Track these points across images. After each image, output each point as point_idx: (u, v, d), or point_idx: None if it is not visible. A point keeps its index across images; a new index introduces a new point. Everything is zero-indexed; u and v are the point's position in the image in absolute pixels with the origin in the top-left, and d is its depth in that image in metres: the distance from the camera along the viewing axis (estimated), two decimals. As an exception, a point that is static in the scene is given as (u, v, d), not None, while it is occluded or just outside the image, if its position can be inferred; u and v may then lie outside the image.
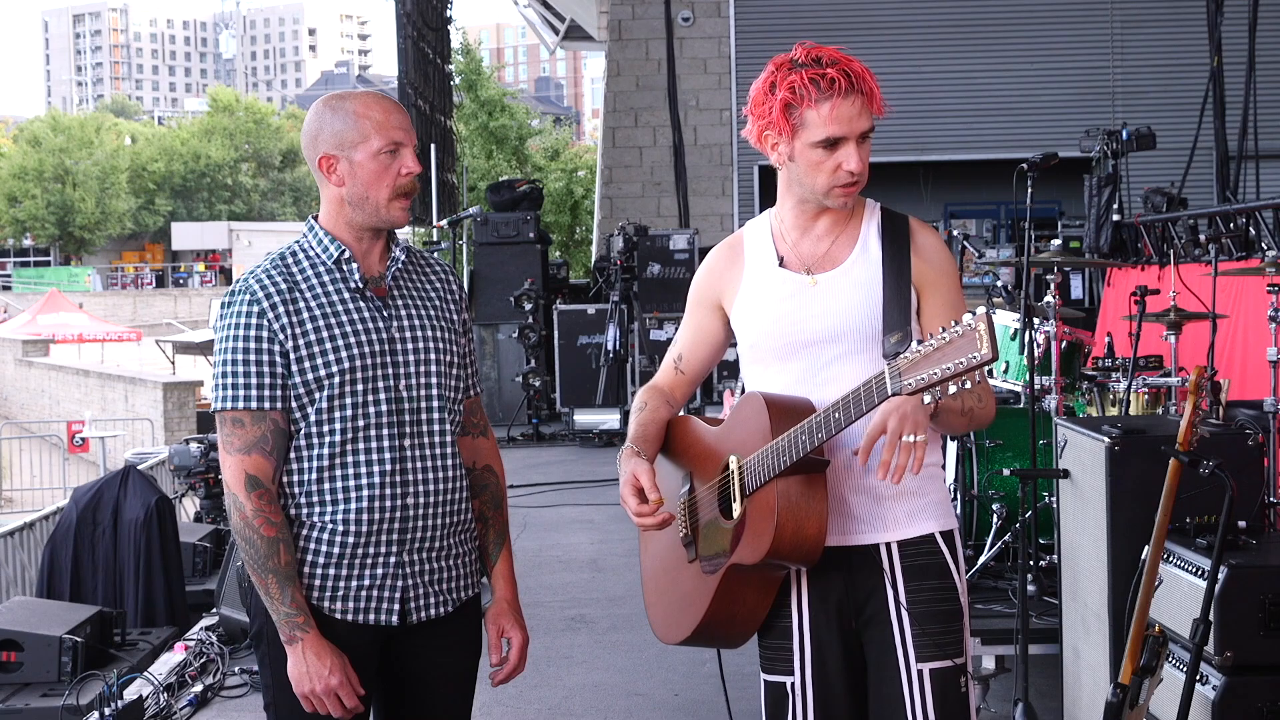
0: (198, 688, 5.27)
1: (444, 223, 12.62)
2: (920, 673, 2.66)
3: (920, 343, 2.38)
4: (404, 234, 7.29)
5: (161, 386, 23.04)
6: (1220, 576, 3.34)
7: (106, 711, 4.84)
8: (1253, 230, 7.95)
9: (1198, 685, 3.34)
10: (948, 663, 2.66)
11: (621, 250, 12.73)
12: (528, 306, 12.63)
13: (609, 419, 12.14)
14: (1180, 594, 3.60)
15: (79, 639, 5.46)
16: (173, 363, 31.60)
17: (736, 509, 2.67)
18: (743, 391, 2.90)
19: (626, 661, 5.69)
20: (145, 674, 5.36)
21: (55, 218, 61.80)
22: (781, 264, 2.78)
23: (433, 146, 13.86)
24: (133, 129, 78.93)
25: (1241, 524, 3.64)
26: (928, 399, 2.39)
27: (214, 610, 6.16)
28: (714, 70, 16.09)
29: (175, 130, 76.08)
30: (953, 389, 2.35)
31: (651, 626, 2.96)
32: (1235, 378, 6.48)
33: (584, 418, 12.34)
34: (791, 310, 2.73)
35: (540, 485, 9.93)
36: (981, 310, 2.34)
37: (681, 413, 3.00)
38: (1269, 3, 11.25)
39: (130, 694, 5.14)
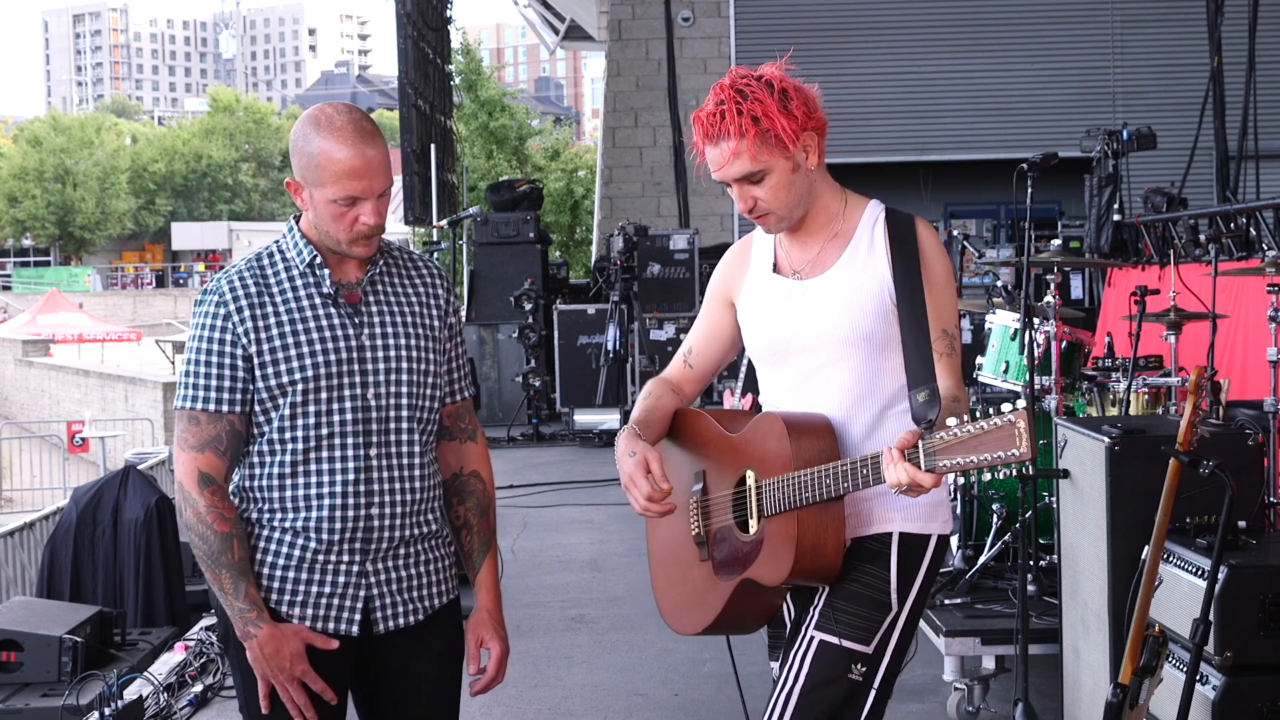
0: (198, 688, 5.27)
1: (444, 223, 12.63)
2: (811, 639, 2.65)
3: (958, 424, 2.38)
4: (404, 234, 7.28)
5: (161, 386, 23.06)
6: (1220, 576, 3.34)
7: (106, 711, 4.83)
8: (1253, 230, 7.94)
9: (1198, 685, 3.34)
10: (837, 640, 2.63)
11: (621, 250, 12.73)
12: (528, 306, 12.63)
13: (609, 419, 12.14)
14: (1180, 594, 3.60)
15: (79, 639, 5.45)
16: (172, 363, 31.60)
17: (754, 526, 2.68)
18: (744, 390, 2.91)
19: (626, 661, 5.69)
20: (145, 674, 5.35)
21: (55, 218, 61.81)
22: (775, 269, 2.78)
23: (433, 146, 13.86)
24: (133, 129, 78.94)
25: (1241, 524, 3.64)
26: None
27: (214, 610, 6.14)
28: (714, 70, 16.08)
29: (175, 130, 76.12)
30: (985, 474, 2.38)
31: (660, 610, 2.98)
32: (1235, 378, 6.48)
33: (584, 418, 12.34)
34: (781, 317, 2.74)
35: (540, 485, 9.92)
36: (1023, 405, 2.34)
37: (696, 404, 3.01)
38: (1269, 3, 11.25)
39: (130, 694, 5.14)
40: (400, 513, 2.71)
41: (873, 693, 2.64)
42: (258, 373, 2.63)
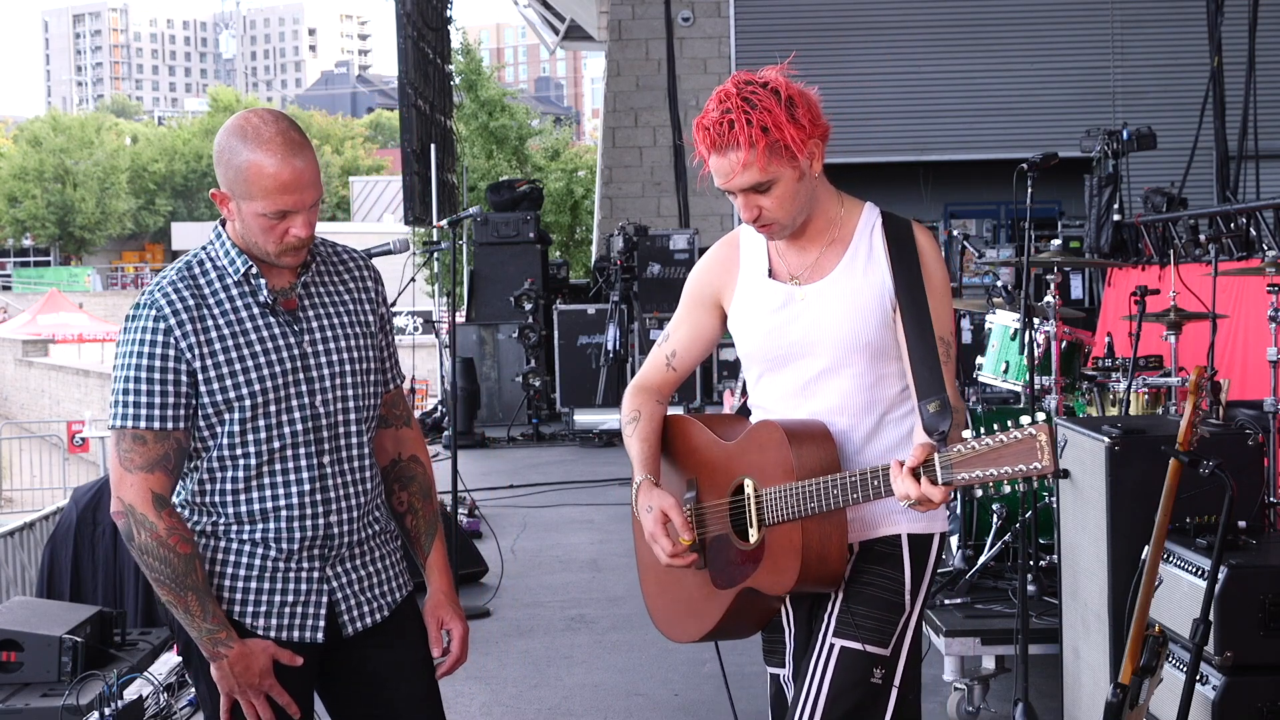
0: (198, 688, 5.26)
1: (444, 223, 12.60)
2: (831, 646, 2.64)
3: (975, 437, 2.37)
4: (405, 234, 7.28)
5: (161, 386, 22.99)
6: (1220, 576, 3.34)
7: (106, 711, 4.83)
8: (1253, 230, 7.94)
9: (1198, 685, 3.34)
10: (859, 645, 2.63)
11: (621, 250, 12.74)
12: (528, 306, 12.64)
13: (609, 419, 12.14)
14: (1180, 594, 3.60)
15: (79, 639, 5.44)
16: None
17: (754, 535, 2.67)
18: (744, 391, 2.90)
19: (626, 661, 5.69)
20: (145, 674, 5.35)
21: (55, 218, 61.81)
22: (770, 274, 2.75)
23: (433, 146, 13.86)
24: (133, 129, 78.93)
25: (1241, 524, 3.64)
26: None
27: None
28: (714, 70, 16.09)
29: (176, 130, 76.08)
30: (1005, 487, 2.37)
31: (651, 618, 2.97)
32: (1235, 378, 6.48)
33: (584, 418, 12.34)
34: (779, 323, 2.71)
35: (540, 485, 9.92)
36: (1042, 418, 2.33)
37: (682, 411, 3.00)
38: (1269, 3, 11.25)
39: (130, 694, 5.13)
40: (355, 515, 2.70)
41: (893, 693, 2.65)
42: (202, 388, 2.58)
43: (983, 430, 2.40)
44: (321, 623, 2.67)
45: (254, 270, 2.64)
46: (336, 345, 2.68)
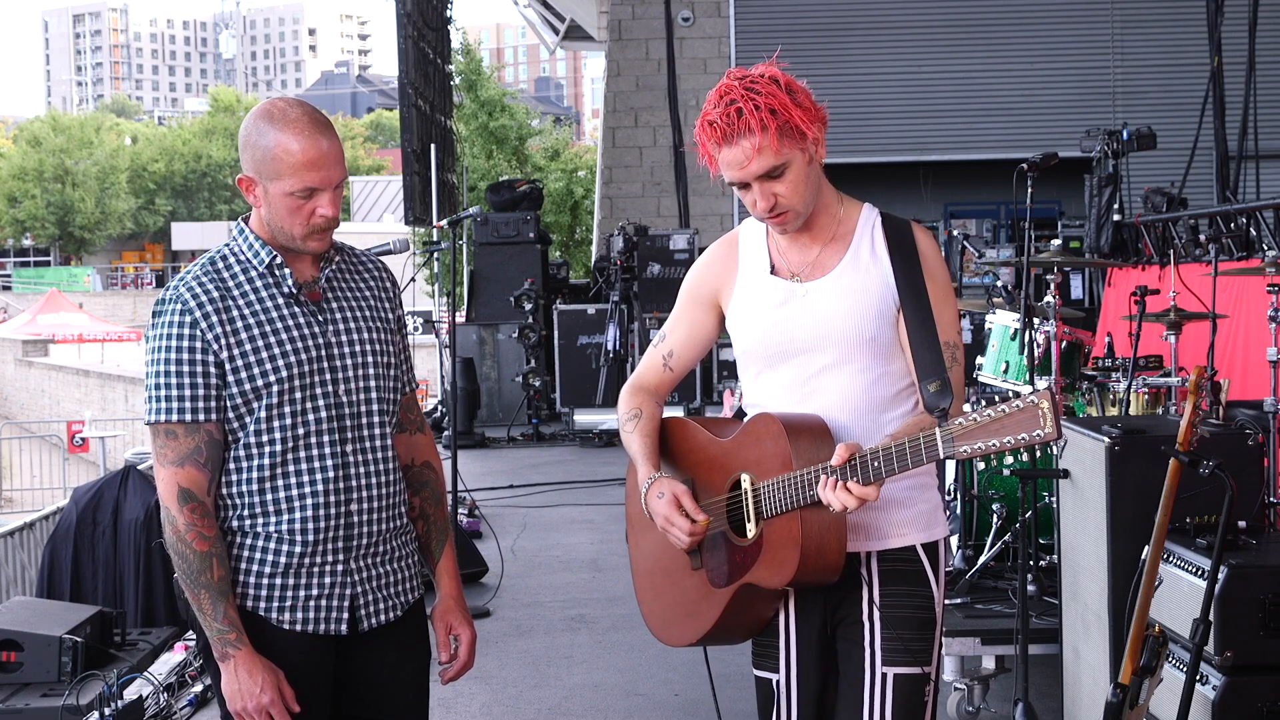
0: (198, 688, 5.27)
1: (444, 223, 12.61)
2: (884, 676, 2.65)
3: (976, 410, 2.37)
4: (405, 234, 7.28)
5: (161, 386, 22.99)
6: (1220, 576, 3.34)
7: (106, 711, 4.84)
8: (1253, 230, 7.95)
9: (1198, 685, 3.35)
10: (915, 669, 2.66)
11: (621, 250, 12.75)
12: (528, 306, 12.64)
13: (609, 419, 12.13)
14: (1180, 594, 3.60)
15: (79, 639, 5.45)
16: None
17: (751, 529, 2.66)
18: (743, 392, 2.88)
19: (626, 661, 5.69)
20: (145, 674, 5.35)
21: (55, 218, 61.81)
22: (772, 271, 2.75)
23: (433, 146, 13.86)
24: (133, 129, 78.96)
25: (1241, 524, 3.64)
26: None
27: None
28: (714, 70, 16.09)
29: (176, 130, 76.12)
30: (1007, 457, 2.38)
31: (647, 623, 2.96)
32: (1235, 378, 6.48)
33: (584, 418, 12.34)
34: (780, 319, 2.71)
35: (540, 485, 9.92)
36: (1044, 386, 2.33)
37: (681, 411, 3.00)
38: (1269, 3, 11.25)
39: (130, 694, 5.14)
40: (378, 506, 2.73)
41: (934, 708, 2.71)
42: (230, 378, 2.61)
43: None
44: (345, 615, 2.70)
45: (278, 260, 2.68)
46: (360, 337, 2.73)
